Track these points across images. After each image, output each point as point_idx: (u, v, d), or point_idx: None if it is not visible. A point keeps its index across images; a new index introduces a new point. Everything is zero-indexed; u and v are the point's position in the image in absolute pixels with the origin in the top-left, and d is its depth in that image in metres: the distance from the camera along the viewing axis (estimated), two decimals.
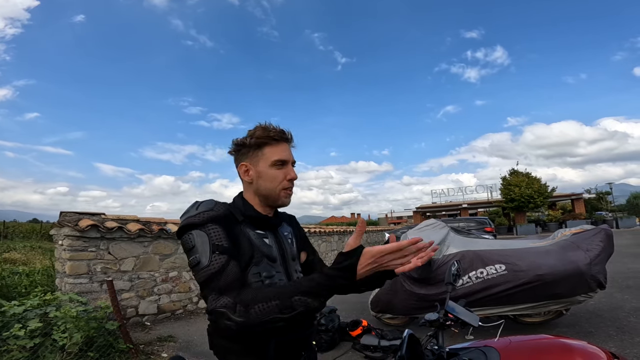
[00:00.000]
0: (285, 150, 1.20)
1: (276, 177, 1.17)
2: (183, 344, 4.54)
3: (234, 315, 0.92)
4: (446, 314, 1.59)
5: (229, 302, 0.93)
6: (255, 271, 1.09)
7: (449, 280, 1.83)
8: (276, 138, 1.18)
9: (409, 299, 4.26)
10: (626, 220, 28.10)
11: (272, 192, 1.18)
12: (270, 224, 1.21)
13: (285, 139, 1.21)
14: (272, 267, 1.13)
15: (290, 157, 1.20)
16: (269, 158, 1.17)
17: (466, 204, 38.21)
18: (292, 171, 1.20)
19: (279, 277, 1.14)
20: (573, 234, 4.21)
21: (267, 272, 1.11)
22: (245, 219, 1.15)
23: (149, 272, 5.68)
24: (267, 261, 1.13)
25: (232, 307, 0.92)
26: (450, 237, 4.60)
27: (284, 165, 1.19)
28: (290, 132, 1.23)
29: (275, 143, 1.18)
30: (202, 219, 1.04)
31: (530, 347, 1.60)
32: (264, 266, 1.11)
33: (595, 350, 1.44)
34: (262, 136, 1.17)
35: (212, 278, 0.98)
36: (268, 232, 1.19)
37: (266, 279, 1.10)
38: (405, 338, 1.34)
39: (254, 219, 1.17)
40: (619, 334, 4.01)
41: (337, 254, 3.82)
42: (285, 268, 1.18)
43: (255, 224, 1.17)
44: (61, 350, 3.37)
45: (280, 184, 1.18)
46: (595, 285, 3.75)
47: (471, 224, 14.34)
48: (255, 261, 1.10)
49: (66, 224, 4.84)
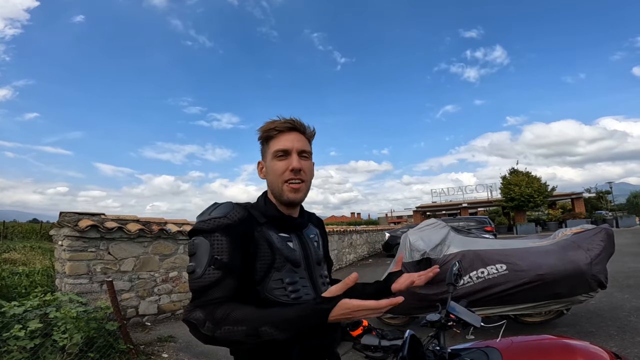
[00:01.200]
0: (288, 140, 1.10)
1: (277, 169, 1.09)
2: (183, 345, 4.53)
3: (202, 330, 0.93)
4: (448, 315, 1.59)
5: (200, 317, 0.94)
6: (277, 277, 1.03)
7: (450, 281, 1.82)
8: (279, 129, 1.11)
9: (410, 299, 4.25)
10: (626, 220, 28.11)
11: (275, 185, 1.11)
12: (294, 224, 1.14)
13: (290, 128, 1.11)
14: (296, 273, 1.07)
15: (293, 145, 1.09)
16: (271, 150, 1.11)
17: (466, 203, 38.22)
18: (295, 160, 1.08)
19: (303, 283, 1.08)
20: (574, 234, 4.21)
21: (290, 278, 1.05)
22: (268, 221, 1.08)
23: (149, 273, 5.68)
24: (291, 266, 1.06)
25: (202, 322, 0.93)
26: (451, 237, 4.59)
27: (287, 155, 1.09)
28: (298, 121, 1.13)
29: (279, 134, 1.11)
30: (211, 226, 1.00)
31: (532, 347, 1.59)
32: (286, 272, 1.05)
33: (598, 350, 1.44)
34: (267, 129, 1.12)
35: (200, 290, 0.97)
36: (292, 235, 1.11)
37: (289, 285, 1.05)
38: (406, 339, 1.34)
39: (276, 219, 1.10)
40: (619, 334, 4.01)
41: (337, 253, 3.84)
42: (309, 273, 1.11)
43: (278, 226, 1.10)
44: (61, 351, 3.37)
45: (281, 176, 1.09)
46: (596, 285, 3.75)
47: (471, 224, 14.32)
48: (277, 266, 1.04)
49: (66, 224, 4.84)
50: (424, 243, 4.30)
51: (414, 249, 4.28)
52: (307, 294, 1.07)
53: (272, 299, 1.02)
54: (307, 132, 1.15)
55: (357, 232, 15.48)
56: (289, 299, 1.03)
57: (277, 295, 1.02)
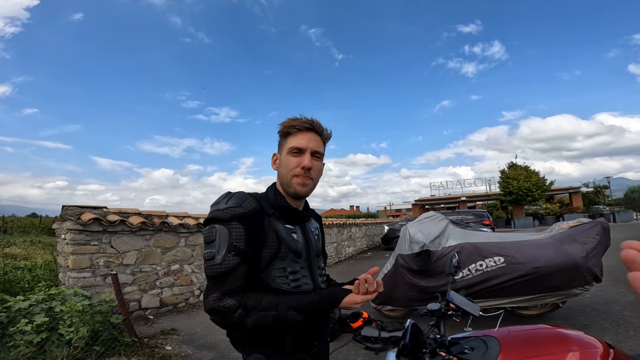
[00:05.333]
0: (304, 139, 1.19)
1: (289, 163, 1.18)
2: (186, 337, 4.60)
3: (233, 317, 1.01)
4: (448, 304, 1.64)
5: (233, 305, 1.01)
6: (280, 266, 1.12)
7: (449, 271, 1.88)
8: (298, 127, 1.19)
9: (409, 291, 4.32)
10: (623, 214, 28.24)
11: (284, 178, 1.19)
12: (300, 217, 1.22)
13: (309, 128, 1.20)
14: (297, 263, 1.16)
15: (308, 145, 1.18)
16: (288, 146, 1.19)
17: (464, 197, 38.32)
18: (307, 159, 1.17)
19: (303, 273, 1.17)
20: (570, 227, 4.26)
21: (292, 267, 1.14)
22: (276, 211, 1.16)
23: (151, 266, 5.73)
24: (293, 256, 1.14)
25: (234, 309, 1.01)
26: (450, 230, 4.65)
27: (300, 153, 1.18)
28: (317, 122, 1.22)
29: (298, 132, 1.19)
30: (229, 215, 1.07)
31: (528, 336, 1.65)
32: (289, 262, 1.13)
33: (592, 340, 1.49)
34: (287, 125, 1.20)
35: (220, 276, 1.04)
36: (297, 227, 1.20)
37: (290, 274, 1.13)
38: (408, 327, 1.39)
39: (284, 210, 1.18)
40: (614, 327, 4.08)
41: (336, 246, 3.92)
42: (309, 264, 1.20)
43: (285, 217, 1.18)
44: (67, 345, 3.40)
45: (292, 170, 1.17)
46: (591, 278, 3.81)
47: (469, 217, 14.39)
48: (282, 256, 1.12)
49: (68, 218, 4.87)
50: (423, 235, 4.36)
51: (414, 242, 4.33)
52: (306, 283, 1.17)
53: (274, 286, 1.11)
54: (323, 134, 1.24)
55: (357, 225, 15.55)
56: (289, 287, 1.12)
57: (279, 283, 1.11)
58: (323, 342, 1.28)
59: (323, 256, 1.37)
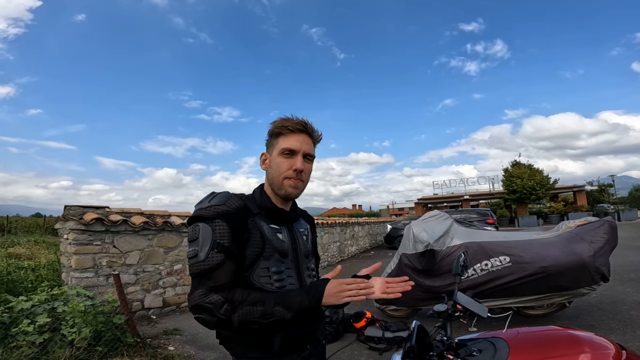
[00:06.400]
0: (297, 141, 1.17)
1: (281, 165, 1.16)
2: (189, 337, 4.58)
3: (219, 313, 0.98)
4: (455, 305, 1.61)
5: (218, 300, 0.99)
6: (264, 265, 1.10)
7: (456, 271, 1.84)
8: (291, 128, 1.17)
9: (414, 291, 4.25)
10: (628, 213, 28.07)
11: (275, 179, 1.17)
12: (286, 217, 1.20)
13: (301, 130, 1.18)
14: (282, 263, 1.14)
15: (301, 147, 1.17)
16: (279, 146, 1.17)
17: (468, 196, 38.21)
18: (299, 162, 1.16)
19: (288, 273, 1.14)
20: (577, 226, 4.21)
21: (277, 267, 1.12)
22: (261, 211, 1.15)
23: (154, 265, 5.72)
24: (278, 256, 1.13)
25: (219, 305, 0.99)
26: (454, 229, 4.60)
27: (293, 155, 1.16)
28: (310, 124, 1.20)
29: (290, 133, 1.17)
30: (212, 213, 1.06)
31: (538, 337, 1.61)
32: (274, 261, 1.12)
33: (603, 341, 1.45)
34: (279, 126, 1.18)
35: (204, 273, 1.02)
36: (283, 227, 1.18)
37: (274, 274, 1.11)
38: (414, 329, 1.36)
39: (270, 210, 1.16)
40: (621, 327, 4.03)
41: (339, 245, 3.89)
42: (296, 265, 1.18)
43: (271, 217, 1.16)
44: (70, 345, 3.38)
45: (284, 172, 1.16)
46: (598, 278, 3.76)
47: (472, 216, 14.32)
48: (266, 255, 1.10)
49: (71, 218, 4.87)
50: (427, 235, 4.31)
51: (418, 241, 4.29)
52: (292, 284, 1.15)
53: (258, 285, 1.09)
54: (314, 135, 1.22)
55: (359, 224, 15.51)
56: (273, 287, 1.10)
57: (263, 282, 1.10)
58: (316, 344, 1.24)
59: (314, 257, 1.35)
